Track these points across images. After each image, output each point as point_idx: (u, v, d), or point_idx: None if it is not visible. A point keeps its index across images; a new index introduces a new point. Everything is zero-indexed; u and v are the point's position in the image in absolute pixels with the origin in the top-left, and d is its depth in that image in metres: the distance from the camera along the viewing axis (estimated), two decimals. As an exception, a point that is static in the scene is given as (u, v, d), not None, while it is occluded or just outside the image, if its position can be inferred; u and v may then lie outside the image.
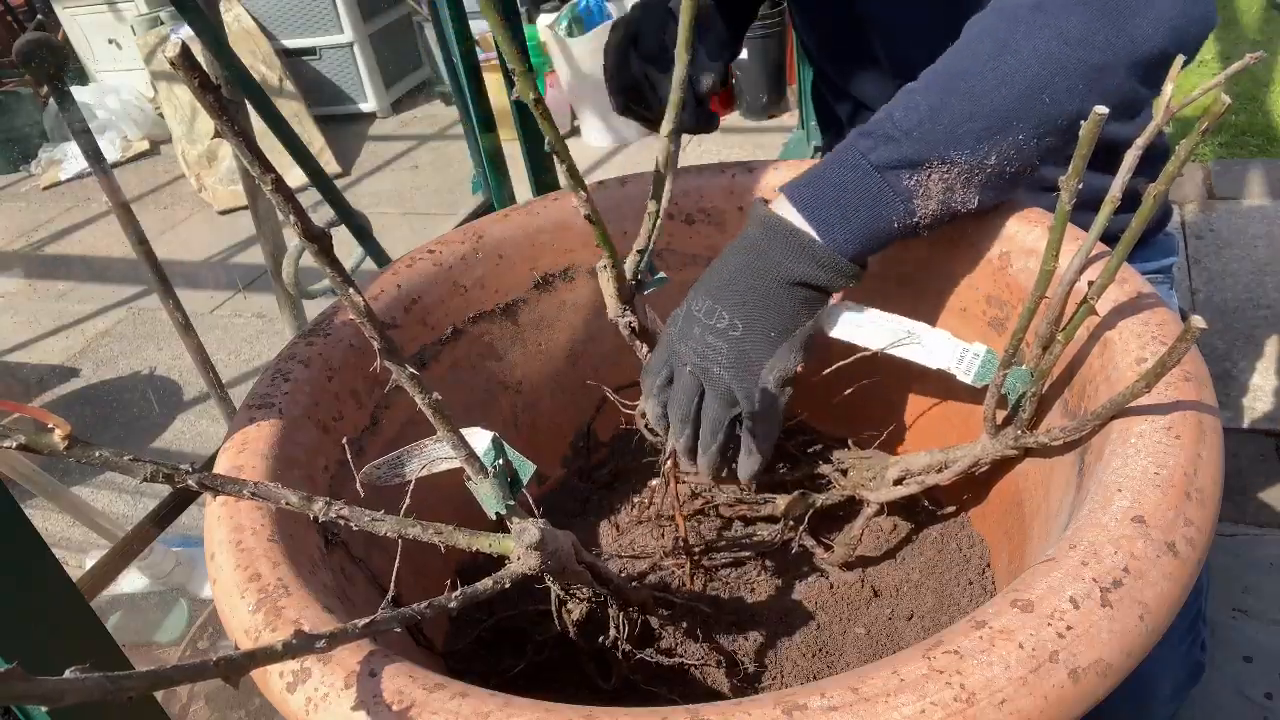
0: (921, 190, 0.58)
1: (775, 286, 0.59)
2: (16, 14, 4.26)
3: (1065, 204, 0.47)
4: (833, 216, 0.58)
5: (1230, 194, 2.18)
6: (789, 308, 0.59)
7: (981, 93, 0.57)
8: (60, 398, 2.36)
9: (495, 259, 0.75)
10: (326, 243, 0.35)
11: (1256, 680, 1.16)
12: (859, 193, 0.58)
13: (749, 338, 0.59)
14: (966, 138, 0.57)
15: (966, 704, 0.35)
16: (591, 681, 0.60)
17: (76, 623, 0.55)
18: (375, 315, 0.38)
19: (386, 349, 0.38)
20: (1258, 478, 1.46)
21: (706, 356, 0.60)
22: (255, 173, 0.32)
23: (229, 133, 0.31)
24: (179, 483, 0.40)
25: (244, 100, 1.09)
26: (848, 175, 0.59)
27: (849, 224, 0.58)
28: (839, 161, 0.60)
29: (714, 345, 0.59)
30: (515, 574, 0.45)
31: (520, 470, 0.49)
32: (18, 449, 0.34)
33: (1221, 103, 0.38)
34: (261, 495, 0.43)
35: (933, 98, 0.58)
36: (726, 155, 2.92)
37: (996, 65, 0.57)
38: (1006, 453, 0.58)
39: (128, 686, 0.28)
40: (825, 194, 0.59)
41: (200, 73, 0.29)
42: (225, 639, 1.30)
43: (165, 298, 1.00)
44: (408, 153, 3.51)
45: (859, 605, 0.67)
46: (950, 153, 0.57)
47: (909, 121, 0.58)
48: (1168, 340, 0.51)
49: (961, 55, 0.60)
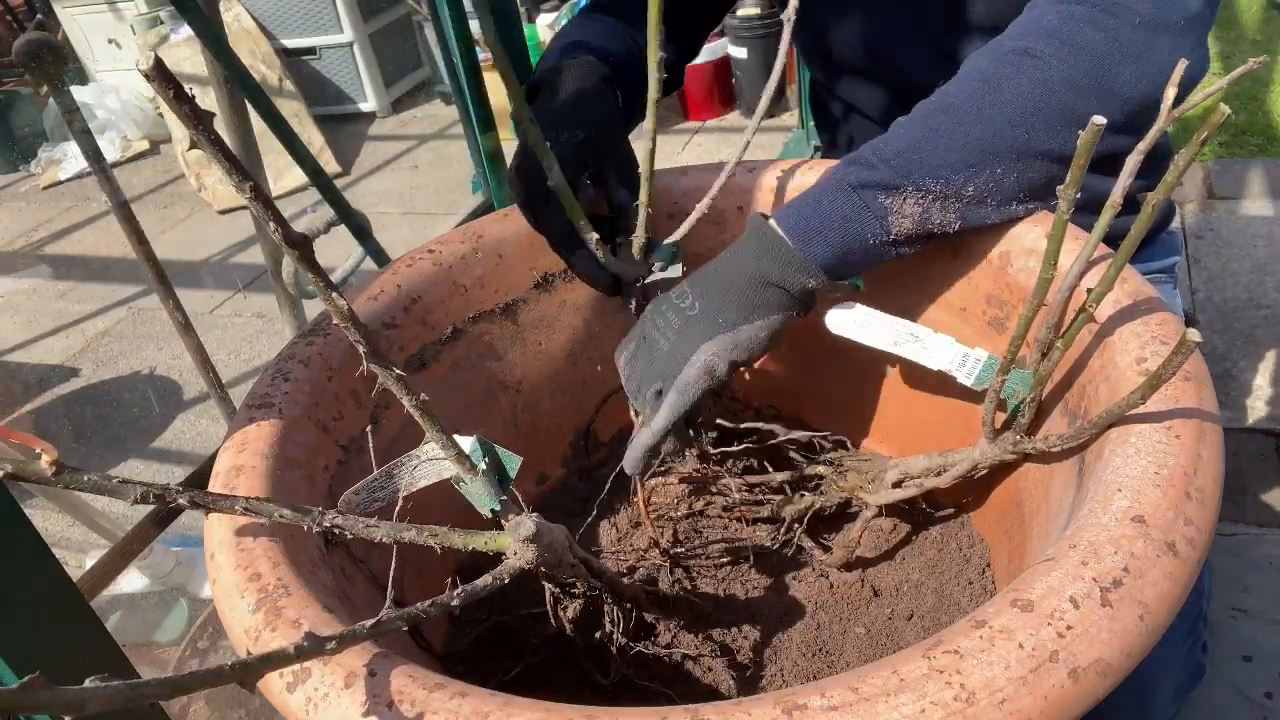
0: (896, 209, 0.60)
1: (741, 280, 0.61)
2: (16, 14, 4.26)
3: (1064, 212, 0.47)
4: (809, 228, 0.61)
5: (1230, 194, 2.18)
6: (748, 301, 0.61)
7: (961, 127, 0.60)
8: (60, 398, 2.36)
9: (495, 259, 0.75)
10: (308, 249, 0.35)
11: (1256, 680, 1.16)
12: (834, 207, 0.61)
13: (701, 318, 0.61)
14: (942, 169, 0.59)
15: (966, 704, 0.35)
16: (590, 681, 0.60)
17: (76, 623, 0.55)
18: (359, 319, 0.38)
19: (372, 351, 0.38)
20: (1258, 478, 1.46)
21: (659, 327, 0.63)
22: (233, 182, 0.32)
23: (205, 143, 0.31)
24: (170, 503, 0.40)
25: (244, 100, 1.08)
26: (826, 194, 0.62)
27: (824, 235, 0.61)
28: (820, 184, 0.63)
29: (669, 320, 0.63)
30: (514, 568, 0.45)
31: (507, 465, 0.49)
32: (5, 479, 0.34)
33: (1221, 112, 0.38)
34: (254, 510, 0.43)
35: (915, 130, 0.61)
36: (726, 155, 2.91)
37: (978, 101, 0.60)
38: (1005, 458, 0.58)
39: (148, 694, 0.28)
40: (804, 210, 0.62)
41: (175, 84, 0.30)
42: (225, 639, 1.30)
43: (165, 298, 1.00)
44: (408, 152, 3.51)
45: (859, 605, 0.67)
46: (925, 181, 0.59)
47: (889, 150, 0.61)
48: (1168, 340, 0.51)
49: (949, 91, 0.62)
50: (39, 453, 0.35)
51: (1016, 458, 0.58)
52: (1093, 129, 0.42)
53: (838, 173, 0.62)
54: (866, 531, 0.69)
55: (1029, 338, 0.53)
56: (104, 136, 3.77)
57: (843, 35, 0.85)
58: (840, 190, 0.61)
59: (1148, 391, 0.43)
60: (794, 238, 0.61)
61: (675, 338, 0.62)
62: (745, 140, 0.67)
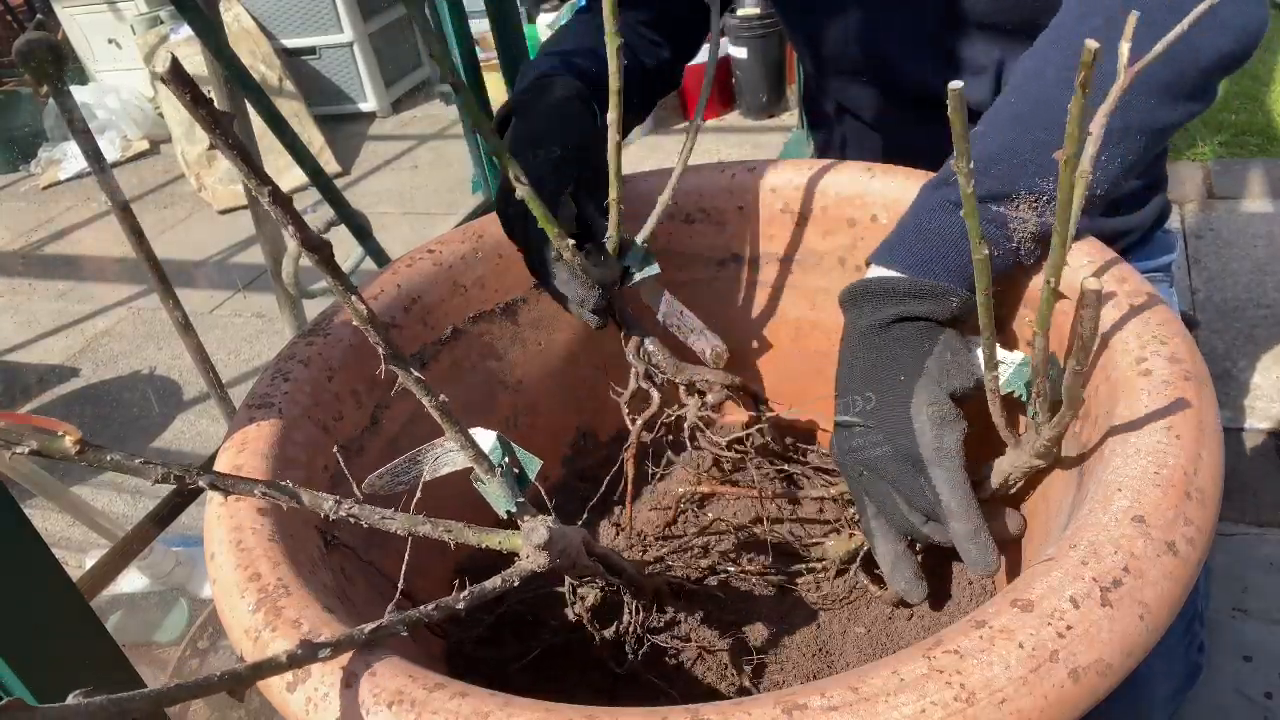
0: (1016, 214, 0.56)
1: (875, 338, 0.57)
2: (16, 14, 4.26)
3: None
4: (923, 256, 0.57)
5: (1230, 194, 2.18)
6: (892, 349, 0.56)
7: (1056, 123, 0.56)
8: (60, 398, 2.36)
9: (495, 259, 0.75)
10: (327, 252, 0.35)
11: (1256, 680, 1.16)
12: (946, 228, 0.57)
13: (884, 402, 0.55)
14: (1045, 168, 0.56)
15: (966, 704, 0.35)
16: (593, 669, 0.60)
17: (76, 623, 0.55)
18: (379, 320, 0.38)
19: (393, 355, 0.38)
20: (1258, 478, 1.46)
21: (864, 450, 0.56)
22: (252, 185, 0.32)
23: (224, 146, 0.31)
24: (190, 484, 0.40)
25: (244, 100, 1.08)
26: (931, 218, 0.58)
27: (944, 260, 0.56)
28: (918, 213, 0.59)
29: (860, 432, 0.56)
30: (524, 571, 0.45)
31: (527, 466, 0.49)
32: (30, 455, 0.34)
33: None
34: (272, 494, 0.43)
35: (1005, 134, 0.58)
36: (726, 155, 2.91)
37: (1067, 92, 0.57)
38: (1034, 463, 0.53)
39: (132, 708, 0.28)
40: (908, 241, 0.58)
41: (192, 87, 0.29)
42: (225, 639, 1.29)
43: (165, 297, 1.00)
44: (408, 152, 3.51)
45: (859, 605, 0.67)
46: (1035, 182, 0.56)
47: (985, 159, 0.57)
48: (1168, 339, 0.50)
49: (1028, 90, 0.59)
50: (62, 434, 0.35)
51: (1045, 461, 0.53)
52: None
53: (931, 198, 0.59)
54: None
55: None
56: (104, 136, 3.77)
57: (838, 34, 0.85)
58: (943, 210, 0.58)
59: (1081, 357, 0.40)
60: (910, 269, 0.57)
61: (884, 431, 0.55)
62: (688, 145, 0.65)
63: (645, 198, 0.76)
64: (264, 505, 0.50)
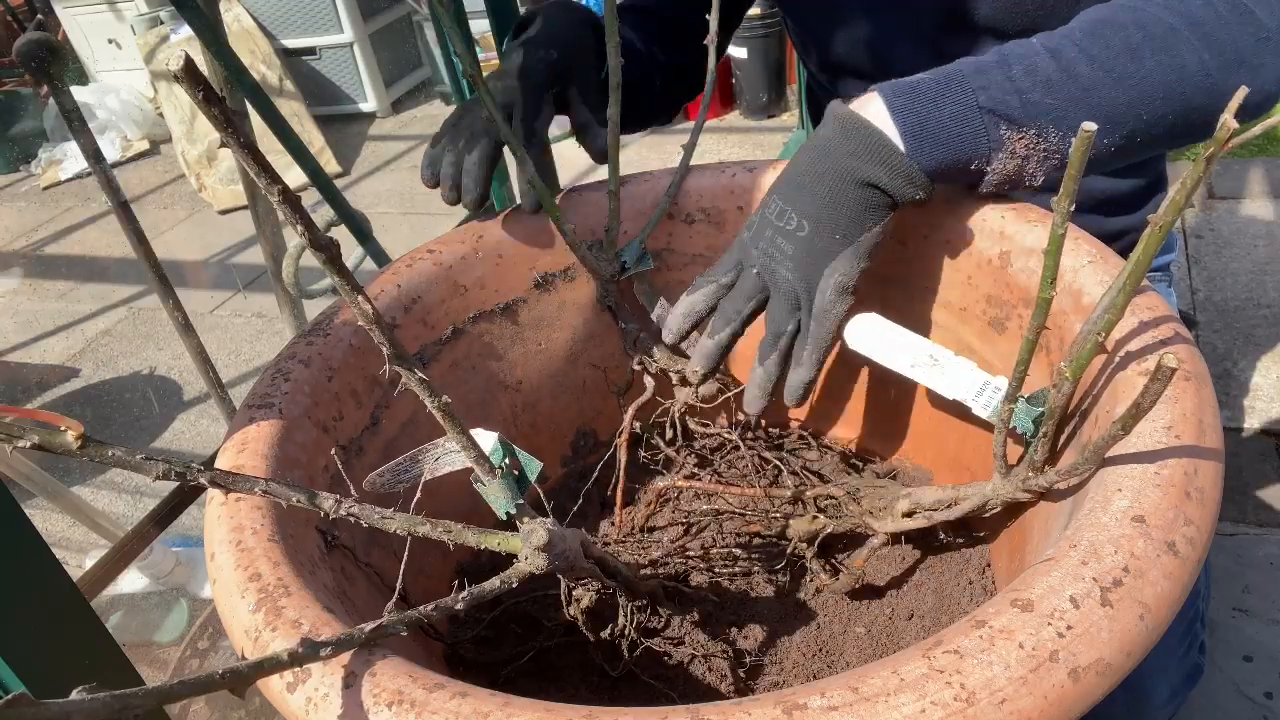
0: (1010, 147, 0.57)
1: (844, 186, 0.58)
2: (16, 14, 4.26)
3: (1059, 225, 0.45)
4: (924, 131, 0.57)
5: (1230, 194, 2.18)
6: (855, 209, 0.58)
7: (1098, 88, 0.57)
8: (60, 398, 2.36)
9: (495, 259, 0.75)
10: (334, 252, 0.35)
11: (1256, 680, 1.16)
12: (957, 122, 0.57)
13: (816, 238, 0.59)
14: (1065, 121, 0.57)
15: (966, 704, 0.35)
16: (593, 670, 0.60)
17: (76, 623, 0.55)
18: (384, 321, 0.38)
19: (397, 355, 0.38)
20: (1258, 478, 1.46)
21: (773, 257, 0.60)
22: (262, 184, 0.32)
23: (235, 145, 0.31)
24: (191, 480, 0.40)
25: (244, 100, 1.08)
26: (952, 103, 0.58)
27: (937, 146, 0.57)
28: (946, 85, 0.58)
29: (782, 247, 0.59)
30: (523, 573, 0.45)
31: (528, 468, 0.49)
32: (32, 449, 0.34)
33: (1228, 128, 0.37)
34: (274, 492, 0.43)
35: (1056, 71, 0.58)
36: (726, 155, 2.92)
37: (1121, 68, 0.57)
38: (1017, 496, 0.54)
39: (134, 704, 0.28)
40: (922, 109, 0.58)
41: (205, 85, 0.29)
42: (225, 639, 1.30)
43: (165, 298, 1.00)
44: (408, 152, 3.51)
45: (859, 605, 0.67)
46: (1049, 129, 0.57)
47: (1026, 83, 0.57)
48: (1168, 339, 0.50)
49: (1090, 42, 0.59)
50: (64, 429, 0.35)
51: (1030, 497, 0.54)
52: (1083, 137, 0.41)
53: (968, 80, 0.58)
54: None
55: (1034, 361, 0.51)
56: (104, 136, 3.77)
57: (839, 33, 0.85)
58: (968, 108, 0.57)
59: (1129, 422, 0.42)
60: (907, 137, 0.57)
61: (799, 268, 0.59)
62: (690, 145, 0.71)
63: (645, 197, 0.77)
64: (264, 505, 0.50)
